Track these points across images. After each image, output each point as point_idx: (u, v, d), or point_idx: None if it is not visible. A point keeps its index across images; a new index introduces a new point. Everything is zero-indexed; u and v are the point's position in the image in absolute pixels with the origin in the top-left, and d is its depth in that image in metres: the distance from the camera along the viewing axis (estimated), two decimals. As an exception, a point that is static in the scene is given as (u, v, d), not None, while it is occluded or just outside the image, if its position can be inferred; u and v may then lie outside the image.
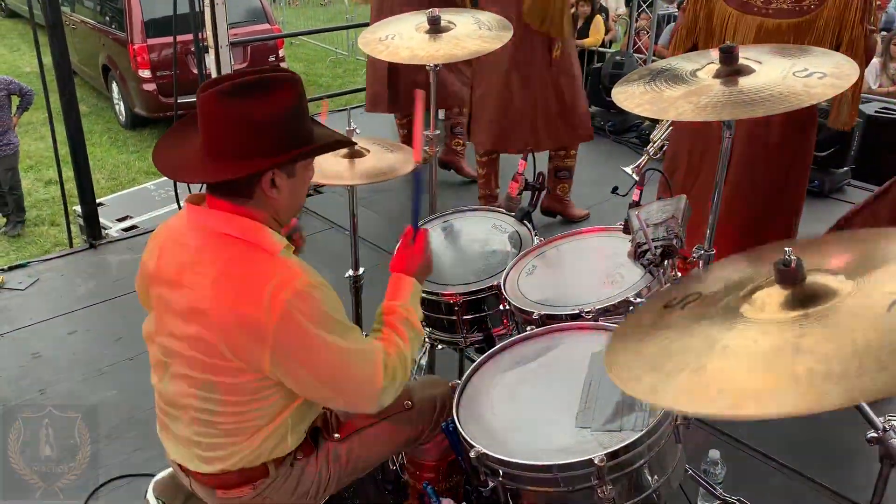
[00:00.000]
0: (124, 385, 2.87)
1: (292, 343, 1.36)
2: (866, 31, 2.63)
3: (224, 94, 1.34)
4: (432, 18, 2.31)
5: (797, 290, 1.14)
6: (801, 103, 1.50)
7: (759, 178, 2.98)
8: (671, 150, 3.18)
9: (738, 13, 2.74)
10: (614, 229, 2.06)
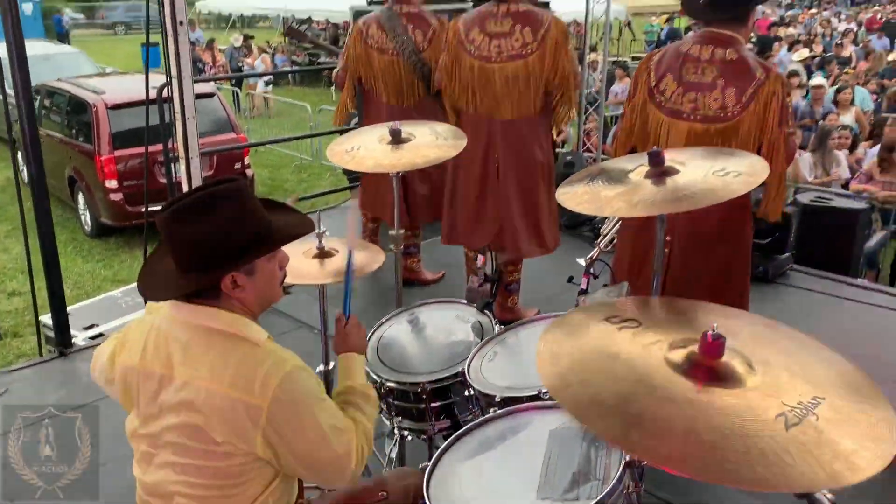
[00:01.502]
0: (103, 489, 2.88)
1: (283, 423, 1.50)
2: (784, 134, 2.91)
3: (172, 219, 1.54)
4: (394, 131, 2.54)
5: (714, 364, 1.32)
6: (719, 198, 1.71)
7: (702, 268, 3.18)
8: (619, 242, 3.40)
9: (670, 119, 3.00)
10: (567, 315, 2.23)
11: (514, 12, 3.64)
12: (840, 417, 1.22)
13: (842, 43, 16.07)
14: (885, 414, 1.24)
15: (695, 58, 2.97)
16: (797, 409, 1.22)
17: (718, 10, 2.95)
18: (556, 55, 3.62)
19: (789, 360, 1.40)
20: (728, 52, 2.92)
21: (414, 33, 4.13)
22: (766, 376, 1.33)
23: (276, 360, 1.54)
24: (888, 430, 1.19)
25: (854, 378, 1.35)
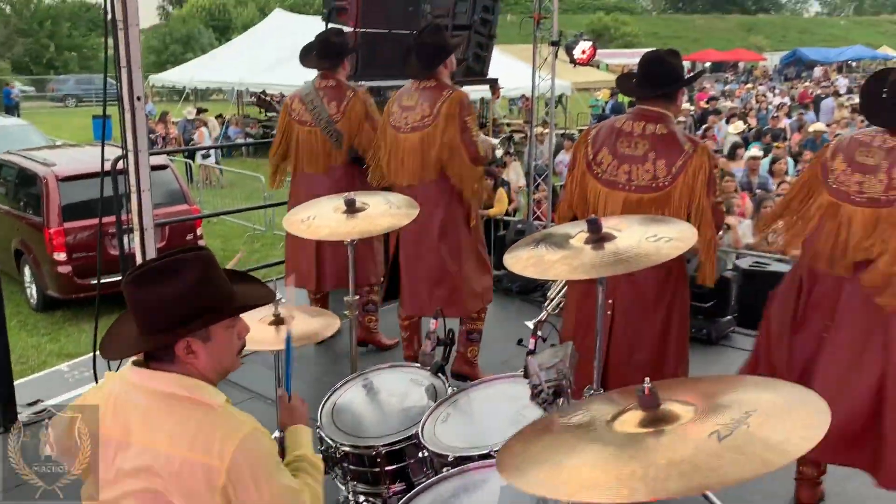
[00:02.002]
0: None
1: (242, 485, 1.54)
2: (712, 203, 3.12)
3: (138, 281, 1.62)
4: (348, 201, 2.65)
5: (652, 413, 1.43)
6: (652, 262, 1.85)
7: (643, 331, 3.30)
8: (566, 306, 3.53)
9: (607, 190, 3.18)
10: (517, 375, 2.32)
11: (422, 88, 3.97)
12: (771, 420, 1.35)
13: (777, 116, 16.98)
14: (816, 402, 1.37)
15: (628, 132, 3.18)
16: (729, 425, 1.34)
17: (648, 89, 3.18)
18: (444, 127, 3.85)
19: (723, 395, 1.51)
20: (658, 128, 3.13)
21: (329, 105, 4.40)
22: (703, 409, 1.43)
23: (235, 422, 1.59)
24: (816, 417, 1.33)
25: (782, 387, 1.49)
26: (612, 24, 56.80)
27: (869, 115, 3.04)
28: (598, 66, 37.72)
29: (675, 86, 3.17)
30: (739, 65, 44.66)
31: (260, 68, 17.59)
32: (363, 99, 4.45)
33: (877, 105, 2.89)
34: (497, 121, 19.05)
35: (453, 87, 3.96)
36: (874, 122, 2.94)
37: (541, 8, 6.49)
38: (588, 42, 6.36)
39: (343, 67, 4.64)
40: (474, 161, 3.93)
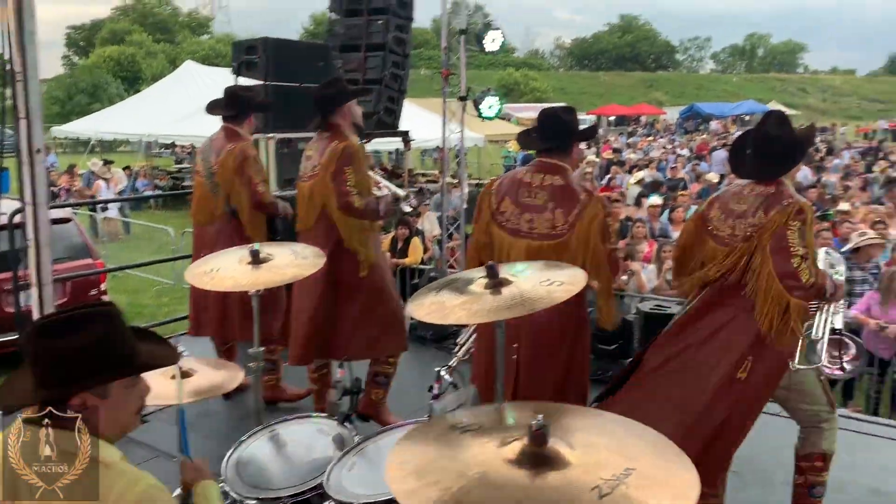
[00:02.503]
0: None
1: None
2: (607, 250, 3.29)
3: (39, 332, 1.60)
4: (253, 252, 2.67)
5: (537, 449, 1.50)
6: (544, 305, 1.95)
7: (547, 372, 3.39)
8: (475, 352, 3.61)
9: (511, 238, 3.31)
10: (423, 421, 2.35)
11: (321, 138, 4.09)
12: (647, 483, 1.43)
13: (675, 166, 17.89)
14: (687, 476, 1.46)
15: (528, 183, 3.33)
16: (611, 481, 1.41)
17: (546, 143, 3.36)
18: (323, 175, 3.96)
19: (610, 439, 1.60)
20: (556, 179, 3.30)
21: (212, 156, 4.50)
22: (589, 456, 1.52)
23: (131, 479, 1.57)
24: (687, 489, 1.41)
25: (662, 446, 1.57)
26: (521, 79, 58.96)
27: (736, 169, 3.33)
28: (509, 120, 38.98)
29: (570, 139, 3.35)
30: (642, 118, 46.89)
31: (170, 120, 17.32)
32: (237, 153, 4.43)
33: (742, 160, 3.18)
34: (413, 171, 19.30)
35: (344, 138, 4.00)
36: (740, 176, 3.24)
37: (449, 64, 6.71)
38: (495, 97, 6.60)
39: (248, 122, 4.68)
40: (343, 210, 3.94)
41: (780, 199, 2.99)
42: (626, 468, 1.45)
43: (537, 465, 1.48)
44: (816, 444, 3.20)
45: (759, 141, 3.13)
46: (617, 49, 77.92)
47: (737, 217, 3.08)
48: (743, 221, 3.05)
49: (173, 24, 63.41)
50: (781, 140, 3.07)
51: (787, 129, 3.13)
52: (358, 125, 4.28)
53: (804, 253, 2.90)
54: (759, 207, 3.01)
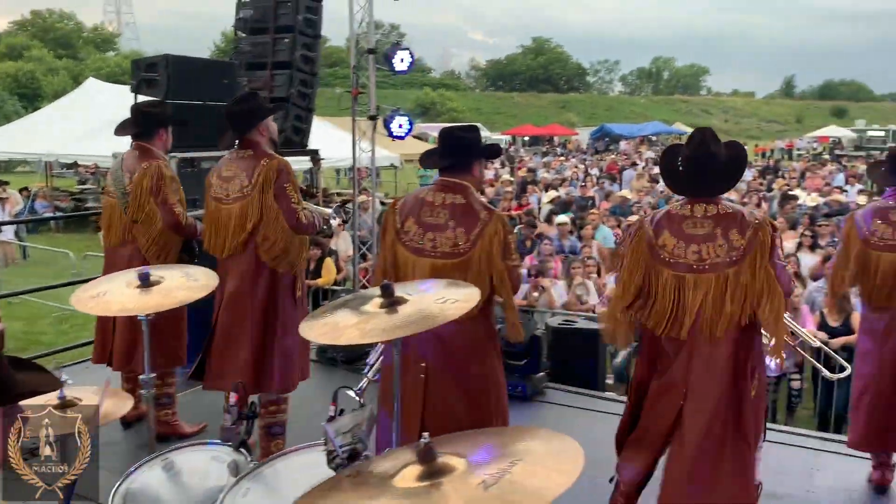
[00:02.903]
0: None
1: None
2: (508, 266, 3.33)
3: None
4: (142, 275, 2.57)
5: (429, 466, 1.50)
6: (437, 322, 1.96)
7: (459, 390, 3.40)
8: (382, 373, 3.59)
9: (415, 257, 3.32)
10: (319, 444, 2.32)
11: (240, 157, 3.94)
12: (532, 468, 1.49)
13: (584, 185, 18.38)
14: (573, 454, 1.50)
15: (430, 202, 3.36)
16: (496, 474, 1.44)
17: (446, 161, 3.40)
18: (261, 196, 3.84)
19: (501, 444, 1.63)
20: (457, 198, 3.34)
21: (125, 176, 4.31)
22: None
23: None
24: (570, 462, 1.48)
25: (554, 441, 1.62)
26: (438, 99, 59.62)
27: (674, 188, 3.29)
28: (426, 139, 39.28)
29: (470, 158, 3.40)
30: (555, 139, 48.08)
31: (71, 138, 16.64)
32: (153, 172, 4.28)
33: (677, 178, 3.14)
34: (328, 191, 19.14)
35: (273, 156, 3.93)
36: (679, 193, 3.19)
37: (358, 83, 6.71)
38: (404, 116, 6.63)
39: (159, 138, 4.50)
40: (295, 229, 3.89)
41: (744, 217, 3.01)
42: (512, 461, 1.49)
43: (431, 478, 1.50)
44: None
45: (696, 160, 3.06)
46: (530, 71, 79.82)
47: (703, 241, 3.01)
48: (711, 244, 2.99)
49: (77, 39, 61.05)
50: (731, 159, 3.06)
51: (735, 147, 3.13)
52: (274, 141, 4.20)
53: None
54: (719, 228, 2.99)
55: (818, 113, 76.18)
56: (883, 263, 3.81)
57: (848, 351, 5.74)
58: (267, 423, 4.06)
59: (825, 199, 13.53)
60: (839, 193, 14.30)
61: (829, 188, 15.55)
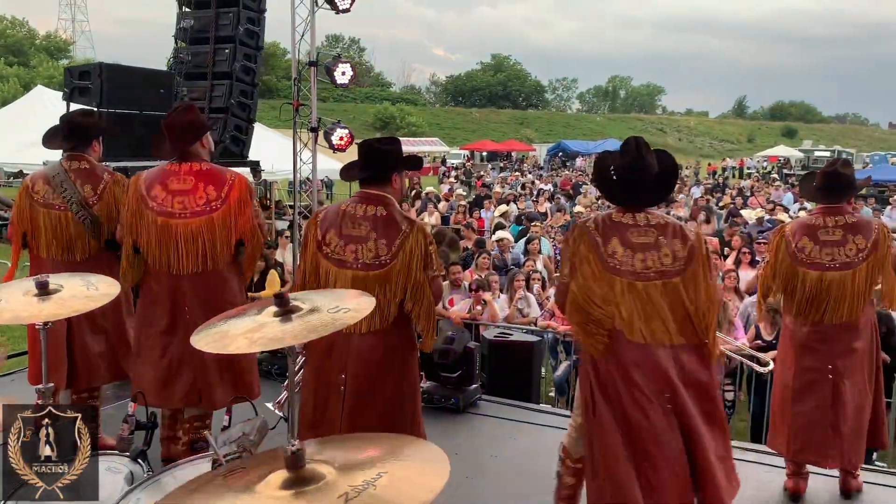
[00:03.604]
0: None
1: None
2: (430, 277, 3.36)
3: None
4: (40, 283, 2.52)
5: (296, 474, 1.51)
6: (328, 331, 1.96)
7: (376, 398, 3.38)
8: (303, 384, 3.57)
9: (336, 268, 3.33)
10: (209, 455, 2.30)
11: (194, 170, 3.80)
12: (397, 481, 1.49)
13: (538, 200, 18.58)
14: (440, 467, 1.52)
15: (352, 214, 3.37)
16: (359, 487, 1.45)
17: (366, 173, 3.43)
18: (239, 211, 3.81)
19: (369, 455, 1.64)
20: (379, 209, 3.36)
21: (83, 188, 4.11)
22: (345, 474, 1.54)
23: None
24: (436, 478, 1.49)
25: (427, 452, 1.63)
26: (397, 113, 59.71)
27: (608, 197, 3.33)
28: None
29: (390, 169, 3.42)
30: (513, 154, 48.54)
31: (17, 147, 16.23)
32: (122, 182, 4.19)
33: (610, 187, 3.19)
34: (281, 203, 19.00)
35: (235, 171, 3.94)
36: (613, 202, 3.21)
37: (299, 96, 6.71)
38: (345, 129, 6.65)
39: (93, 149, 4.36)
40: (261, 245, 3.96)
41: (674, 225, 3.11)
42: (378, 473, 1.50)
43: (295, 486, 1.50)
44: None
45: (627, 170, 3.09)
46: (489, 87, 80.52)
47: (643, 249, 3.07)
48: (653, 253, 3.06)
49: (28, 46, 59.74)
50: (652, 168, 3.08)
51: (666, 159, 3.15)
52: (212, 153, 4.17)
53: None
54: (660, 238, 3.06)
55: (769, 133, 78.34)
56: (808, 280, 3.96)
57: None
58: (192, 438, 3.97)
59: (767, 217, 13.89)
60: (783, 211, 14.69)
61: (771, 206, 15.96)
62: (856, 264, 3.92)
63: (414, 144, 46.13)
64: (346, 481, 1.49)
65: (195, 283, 3.80)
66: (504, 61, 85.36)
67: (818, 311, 3.97)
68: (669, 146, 65.92)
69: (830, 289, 3.93)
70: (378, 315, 3.32)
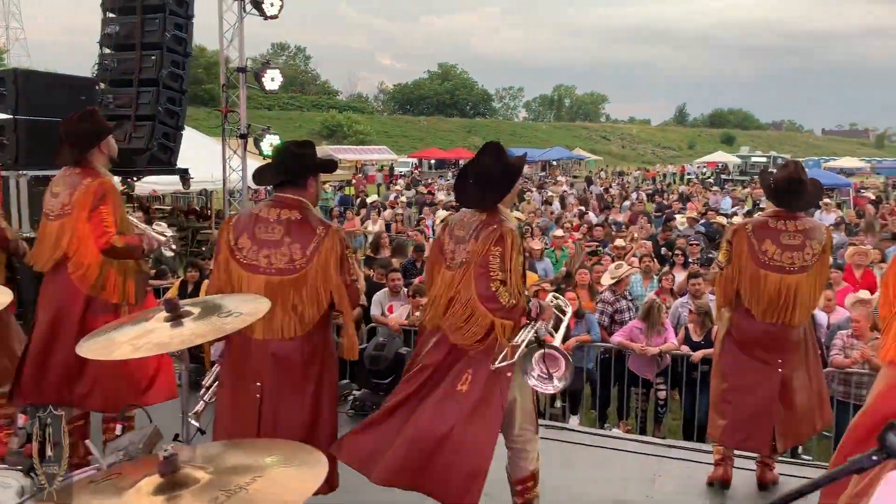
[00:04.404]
0: None
1: None
2: (346, 282, 3.35)
3: None
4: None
5: (168, 478, 1.48)
6: (217, 334, 1.93)
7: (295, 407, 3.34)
8: (218, 392, 3.51)
9: (248, 274, 3.28)
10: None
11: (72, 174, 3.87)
12: (272, 486, 1.49)
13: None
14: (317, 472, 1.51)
15: (265, 219, 3.33)
16: (230, 490, 1.44)
17: (280, 177, 3.39)
18: (77, 214, 3.78)
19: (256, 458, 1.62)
20: (293, 214, 3.32)
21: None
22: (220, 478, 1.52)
23: None
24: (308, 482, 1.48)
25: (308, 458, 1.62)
26: (345, 122, 59.41)
27: (459, 199, 3.48)
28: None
29: (304, 173, 3.39)
30: (460, 162, 48.72)
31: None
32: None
33: (464, 189, 3.34)
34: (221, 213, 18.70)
35: (98, 175, 3.85)
36: (464, 205, 3.39)
37: (228, 102, 6.63)
38: (275, 136, 6.59)
39: None
40: (106, 253, 3.81)
41: (489, 225, 3.20)
42: (253, 478, 1.48)
43: (167, 491, 1.48)
44: (526, 467, 3.38)
45: (477, 171, 3.31)
46: (437, 95, 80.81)
47: (457, 242, 3.27)
48: (462, 247, 3.24)
49: (-42, 54, 57.69)
50: (494, 169, 3.26)
51: (502, 158, 3.30)
52: (113, 159, 4.11)
53: (503, 277, 3.12)
54: (472, 234, 3.21)
55: (708, 139, 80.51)
56: (770, 283, 4.02)
57: (708, 363, 6.01)
58: (107, 438, 3.97)
59: (702, 220, 14.25)
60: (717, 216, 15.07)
61: (708, 210, 16.37)
62: (809, 268, 4.02)
63: (362, 152, 45.97)
64: (218, 486, 1.47)
65: (49, 283, 3.85)
66: (451, 70, 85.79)
67: (773, 312, 4.04)
68: (613, 153, 67.30)
69: (790, 292, 4.01)
70: (295, 321, 3.30)
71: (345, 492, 3.33)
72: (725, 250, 4.22)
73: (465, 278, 3.20)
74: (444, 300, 3.26)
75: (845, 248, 9.56)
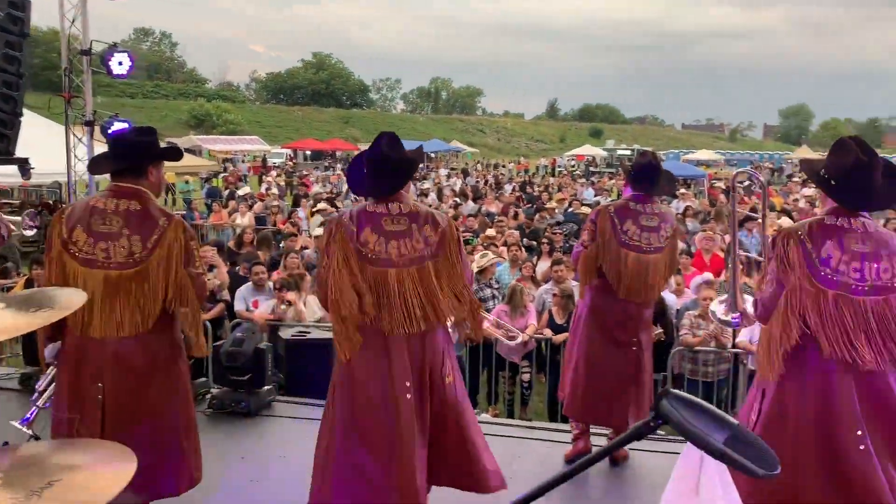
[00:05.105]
0: None
1: None
2: (191, 274, 3.20)
3: None
4: None
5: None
6: (20, 331, 1.78)
7: (140, 407, 3.16)
8: (55, 393, 3.29)
9: (85, 269, 3.07)
10: None
11: None
12: (71, 490, 1.38)
13: (359, 199, 18.54)
14: (122, 474, 1.43)
15: (102, 209, 3.13)
16: (18, 499, 1.33)
17: (118, 165, 3.20)
18: None
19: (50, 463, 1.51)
20: (132, 204, 3.15)
21: None
22: (11, 483, 1.41)
23: None
24: (110, 485, 1.38)
25: (119, 459, 1.52)
26: (214, 111, 57.19)
27: (354, 190, 3.42)
28: (200, 153, 37.46)
29: (143, 161, 3.22)
30: (337, 153, 48.11)
31: None
32: None
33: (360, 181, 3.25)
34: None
35: None
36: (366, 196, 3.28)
37: (71, 87, 6.19)
38: (124, 122, 6.22)
39: None
40: None
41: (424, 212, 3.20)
42: (50, 482, 1.38)
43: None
44: None
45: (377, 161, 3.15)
46: (312, 85, 79.30)
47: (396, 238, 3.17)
48: (410, 242, 3.14)
49: None
50: (392, 159, 3.11)
51: (399, 149, 3.16)
52: None
53: None
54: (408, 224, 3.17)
55: (578, 133, 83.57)
56: (629, 261, 4.22)
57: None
58: None
59: (568, 210, 14.78)
60: (581, 206, 15.67)
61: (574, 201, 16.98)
62: (663, 249, 4.29)
63: (233, 143, 44.42)
64: (7, 493, 1.35)
65: None
66: (326, 59, 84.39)
67: (630, 290, 4.25)
68: (489, 146, 68.62)
69: (647, 270, 4.24)
70: (137, 317, 3.13)
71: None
72: (590, 230, 4.40)
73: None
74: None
75: (698, 235, 10.20)
